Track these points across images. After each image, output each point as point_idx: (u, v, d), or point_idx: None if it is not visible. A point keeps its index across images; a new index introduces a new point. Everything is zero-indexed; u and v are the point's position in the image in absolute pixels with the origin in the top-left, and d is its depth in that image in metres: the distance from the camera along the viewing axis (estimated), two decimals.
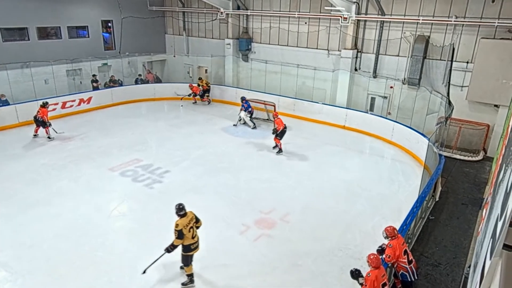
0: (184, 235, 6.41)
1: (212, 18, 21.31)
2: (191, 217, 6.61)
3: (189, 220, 6.53)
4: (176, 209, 6.55)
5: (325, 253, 7.88)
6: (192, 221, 6.58)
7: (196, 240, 6.66)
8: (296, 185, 10.88)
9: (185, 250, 6.60)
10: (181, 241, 6.47)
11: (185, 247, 6.56)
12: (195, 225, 6.67)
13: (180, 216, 6.50)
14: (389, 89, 16.06)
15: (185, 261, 6.72)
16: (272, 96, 17.61)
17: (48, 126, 13.64)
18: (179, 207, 6.59)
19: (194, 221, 6.65)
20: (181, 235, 6.38)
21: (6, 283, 6.77)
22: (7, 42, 16.70)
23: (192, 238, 6.57)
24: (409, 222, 7.55)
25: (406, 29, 15.17)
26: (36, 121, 13.57)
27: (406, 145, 13.72)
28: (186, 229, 6.43)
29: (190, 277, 6.85)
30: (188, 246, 6.56)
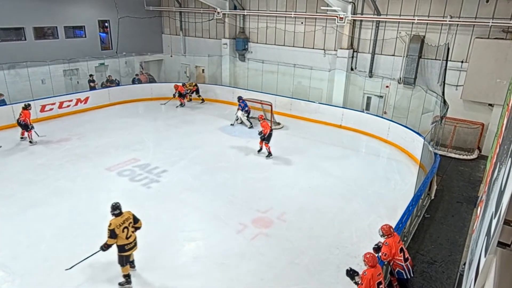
0: (117, 234, 6.36)
1: (209, 18, 21.27)
2: (126, 217, 6.57)
3: (123, 220, 6.49)
4: (111, 208, 6.52)
5: (322, 252, 7.90)
6: (127, 221, 6.53)
7: (131, 240, 6.57)
8: (293, 184, 10.89)
9: (120, 250, 6.54)
10: (114, 241, 6.41)
11: (119, 247, 6.50)
12: (133, 225, 6.62)
13: (114, 215, 6.49)
14: (385, 89, 16.10)
15: (120, 261, 6.63)
16: (269, 95, 17.61)
17: (31, 129, 13.08)
18: (113, 206, 6.55)
19: (131, 221, 6.60)
20: (113, 234, 6.34)
21: (3, 284, 6.74)
22: (4, 42, 16.60)
23: (127, 239, 6.49)
24: (405, 220, 7.58)
25: (401, 29, 15.22)
26: (19, 124, 13.03)
27: (401, 144, 13.76)
28: (119, 229, 6.39)
29: (126, 278, 6.74)
30: (122, 246, 6.50)
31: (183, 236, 8.30)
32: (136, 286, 6.82)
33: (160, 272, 7.16)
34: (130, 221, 6.59)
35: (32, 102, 15.48)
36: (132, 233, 6.58)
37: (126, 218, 6.56)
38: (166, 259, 7.53)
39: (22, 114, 12.98)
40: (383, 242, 6.29)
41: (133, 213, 6.73)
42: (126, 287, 6.75)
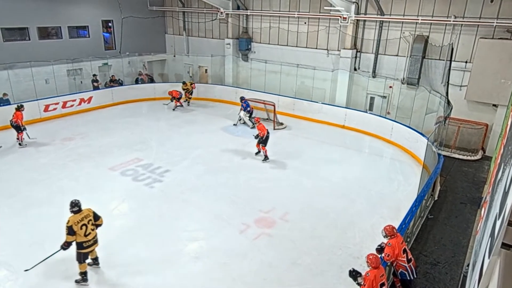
0: (75, 231, 6.38)
1: (212, 18, 21.29)
2: (85, 214, 6.58)
3: (82, 217, 6.50)
4: (69, 205, 6.54)
5: (325, 252, 7.88)
6: (86, 218, 6.55)
7: (89, 238, 6.57)
8: (296, 184, 10.88)
9: (78, 247, 6.55)
10: (73, 238, 6.43)
11: (77, 244, 6.52)
12: (94, 223, 6.65)
13: (72, 212, 6.50)
14: (388, 89, 16.05)
15: (78, 258, 6.63)
16: (272, 95, 17.60)
17: (23, 131, 12.88)
18: (72, 203, 6.56)
19: (91, 219, 6.61)
20: (71, 231, 6.37)
21: (7, 282, 6.77)
22: (8, 42, 16.68)
23: (85, 236, 6.50)
24: (408, 221, 7.55)
25: (405, 29, 15.17)
26: (12, 126, 12.86)
27: (405, 144, 13.72)
28: (77, 225, 6.40)
29: (82, 275, 6.74)
30: (81, 243, 6.51)
31: (186, 235, 8.31)
32: (140, 285, 6.82)
33: (162, 272, 7.16)
34: (90, 219, 6.59)
35: (36, 102, 15.62)
36: (91, 230, 6.59)
37: (85, 215, 6.57)
38: (168, 258, 7.53)
39: (14, 115, 12.79)
40: (386, 243, 6.27)
41: (94, 211, 6.76)
42: (82, 284, 6.74)
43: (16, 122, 12.71)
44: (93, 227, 6.65)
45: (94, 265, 7.09)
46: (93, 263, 7.09)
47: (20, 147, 12.79)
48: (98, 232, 6.83)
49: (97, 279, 6.92)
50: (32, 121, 15.30)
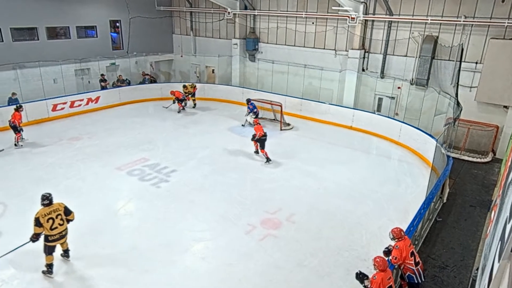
0: (41, 224, 6.53)
1: (219, 18, 21.35)
2: (55, 208, 6.71)
3: (50, 211, 6.64)
4: (40, 198, 6.71)
5: (331, 254, 7.85)
6: (55, 212, 6.68)
7: (55, 232, 6.70)
8: (302, 186, 10.85)
9: (44, 239, 6.71)
10: (40, 230, 6.57)
11: (44, 236, 6.67)
12: (64, 217, 6.80)
13: (43, 205, 6.67)
14: (397, 90, 15.95)
15: (44, 249, 6.77)
16: (279, 96, 17.59)
17: (20, 131, 12.86)
18: (43, 196, 6.72)
19: (60, 213, 6.74)
20: (37, 223, 6.52)
21: (14, 280, 6.85)
22: (17, 42, 16.89)
23: (51, 229, 6.62)
24: (416, 223, 7.49)
25: (414, 29, 15.06)
26: (10, 126, 12.83)
27: (413, 146, 13.61)
28: (44, 218, 6.54)
29: (47, 267, 6.87)
30: (46, 236, 6.66)
31: (192, 236, 8.33)
32: (146, 285, 6.86)
33: (168, 272, 7.19)
34: (59, 213, 6.73)
35: (44, 101, 15.78)
36: (58, 225, 6.72)
37: (54, 209, 6.71)
38: (174, 258, 7.56)
39: (13, 116, 12.75)
40: (393, 246, 6.22)
41: (66, 206, 6.92)
42: (47, 276, 6.88)
43: (13, 123, 12.68)
44: (62, 222, 6.79)
45: (65, 257, 7.25)
46: (64, 254, 7.25)
47: (16, 148, 12.77)
48: (99, 234, 6.87)
49: (107, 277, 6.96)
50: (40, 120, 15.49)
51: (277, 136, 15.05)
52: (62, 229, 6.82)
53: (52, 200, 6.80)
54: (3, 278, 6.89)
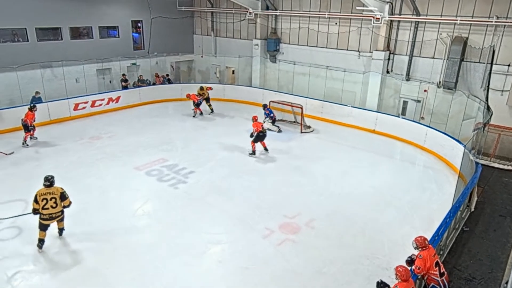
0: (37, 201, 7.37)
1: (240, 18, 21.48)
2: (52, 191, 7.46)
3: (46, 192, 7.43)
4: (43, 179, 7.55)
5: (351, 261, 7.75)
6: (50, 195, 7.44)
7: (45, 212, 7.44)
8: (323, 190, 10.76)
9: (39, 216, 7.52)
10: (36, 206, 7.41)
11: (40, 213, 7.48)
12: (59, 201, 7.52)
13: (44, 185, 7.49)
14: (423, 93, 15.63)
15: (38, 225, 7.57)
16: (299, 98, 17.52)
17: (30, 131, 13.13)
18: (45, 178, 7.56)
19: (55, 196, 7.47)
20: (35, 200, 7.41)
21: (34, 276, 7.06)
22: (42, 41, 17.46)
23: (42, 209, 7.41)
24: (441, 232, 7.31)
25: (442, 30, 14.73)
26: (22, 125, 13.12)
27: (440, 151, 13.29)
28: (39, 197, 7.40)
29: (39, 241, 7.64)
30: (40, 214, 7.47)
31: (209, 238, 8.38)
32: (163, 287, 6.94)
33: (184, 274, 7.25)
34: (53, 196, 7.47)
35: (66, 101, 16.24)
36: (50, 207, 7.45)
37: (51, 192, 7.47)
38: (190, 261, 7.62)
39: (26, 115, 13.08)
40: (417, 255, 6.08)
41: (64, 192, 7.62)
42: (38, 250, 7.65)
43: (25, 122, 13.04)
44: (55, 205, 7.50)
45: (58, 233, 8.05)
46: (59, 232, 8.06)
47: (24, 146, 13.03)
48: (118, 233, 6.99)
49: (124, 278, 7.09)
50: (62, 119, 15.95)
51: (297, 139, 14.99)
52: (53, 211, 7.52)
53: (53, 183, 7.57)
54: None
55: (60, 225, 7.99)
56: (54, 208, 7.51)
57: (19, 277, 6.99)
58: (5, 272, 7.09)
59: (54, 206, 7.50)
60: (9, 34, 16.62)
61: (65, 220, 8.01)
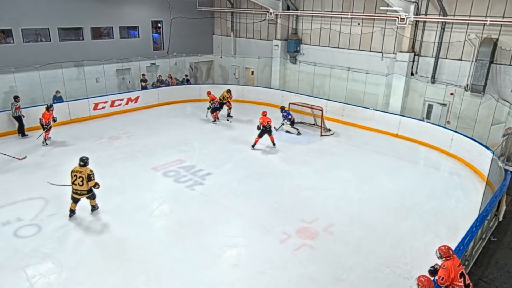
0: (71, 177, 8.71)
1: (260, 18, 21.54)
2: (82, 171, 8.65)
3: (77, 171, 8.66)
4: (79, 159, 8.74)
5: (371, 269, 7.63)
6: (79, 173, 8.63)
7: (74, 188, 8.74)
8: (342, 195, 10.65)
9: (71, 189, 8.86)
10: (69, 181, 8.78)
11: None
12: (85, 181, 8.64)
13: (78, 164, 8.71)
14: (449, 96, 15.29)
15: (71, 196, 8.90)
16: (320, 100, 17.41)
17: (47, 130, 13.46)
18: (80, 158, 8.75)
19: (82, 176, 8.61)
20: (71, 174, 8.71)
21: (51, 275, 7.23)
22: (64, 41, 17.95)
23: (73, 184, 8.72)
24: (467, 242, 7.11)
25: (470, 31, 14.38)
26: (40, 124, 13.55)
27: (466, 157, 12.96)
28: (72, 173, 8.69)
29: (70, 211, 9.01)
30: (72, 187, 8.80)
31: (225, 241, 8.40)
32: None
33: (199, 277, 7.29)
34: (82, 176, 8.62)
35: (86, 100, 16.63)
36: (78, 184, 8.66)
37: (81, 171, 8.64)
38: (205, 263, 7.66)
39: (43, 114, 13.44)
40: (440, 265, 5.94)
41: (91, 174, 8.68)
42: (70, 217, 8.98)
43: (42, 121, 13.42)
44: (82, 183, 8.64)
45: (91, 210, 9.27)
46: (91, 209, 9.27)
47: (44, 145, 13.37)
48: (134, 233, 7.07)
49: (140, 279, 7.19)
50: (82, 118, 16.34)
51: (317, 142, 14.90)
52: (79, 188, 8.69)
53: (86, 163, 8.74)
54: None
55: (92, 203, 9.15)
56: (80, 186, 8.64)
57: (37, 275, 7.18)
58: (23, 270, 7.30)
59: (80, 184, 8.63)
60: (32, 34, 17.16)
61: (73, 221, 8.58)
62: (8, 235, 8.35)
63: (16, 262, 7.51)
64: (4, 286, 6.91)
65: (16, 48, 16.48)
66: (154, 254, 7.88)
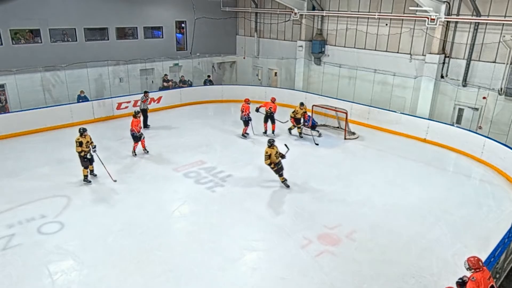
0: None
1: (285, 19, 21.52)
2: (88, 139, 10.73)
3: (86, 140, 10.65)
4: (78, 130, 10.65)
5: (395, 279, 7.48)
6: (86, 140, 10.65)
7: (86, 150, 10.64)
8: (366, 201, 10.49)
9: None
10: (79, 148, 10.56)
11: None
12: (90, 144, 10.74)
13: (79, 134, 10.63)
14: (482, 100, 14.84)
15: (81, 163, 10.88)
16: (344, 102, 17.23)
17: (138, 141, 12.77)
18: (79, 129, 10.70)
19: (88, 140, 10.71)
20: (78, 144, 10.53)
21: (72, 272, 7.43)
22: (89, 41, 18.47)
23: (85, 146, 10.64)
24: (498, 254, 6.88)
25: (506, 32, 13.93)
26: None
27: (499, 165, 12.54)
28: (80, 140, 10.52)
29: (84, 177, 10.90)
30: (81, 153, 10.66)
31: (244, 244, 8.42)
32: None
33: (218, 279, 7.33)
34: (89, 141, 10.74)
35: (110, 100, 17.02)
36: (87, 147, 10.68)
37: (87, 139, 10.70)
38: (224, 266, 7.70)
39: (131, 124, 12.58)
40: (469, 277, 5.76)
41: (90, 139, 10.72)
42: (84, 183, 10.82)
43: (132, 131, 12.56)
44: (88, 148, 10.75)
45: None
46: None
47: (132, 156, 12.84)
48: (154, 234, 7.16)
49: (158, 280, 7.29)
50: (106, 118, 16.74)
51: (340, 146, 14.75)
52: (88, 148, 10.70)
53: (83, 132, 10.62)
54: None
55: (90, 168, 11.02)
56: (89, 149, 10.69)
57: (59, 271, 7.40)
58: (46, 266, 7.54)
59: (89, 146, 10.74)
60: (59, 34, 17.74)
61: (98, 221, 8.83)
62: (32, 231, 8.64)
63: (39, 258, 7.76)
64: (26, 281, 7.15)
65: (44, 48, 17.06)
66: (173, 256, 7.98)
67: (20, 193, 10.22)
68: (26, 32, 16.92)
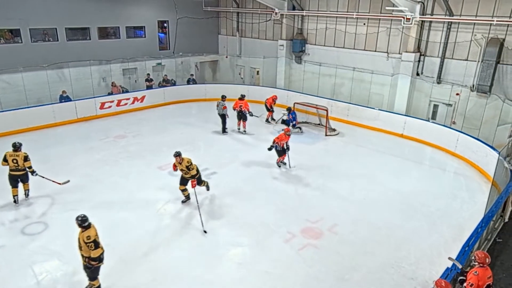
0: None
1: (266, 18, 21.53)
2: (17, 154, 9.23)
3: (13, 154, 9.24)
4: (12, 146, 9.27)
5: (375, 270, 7.61)
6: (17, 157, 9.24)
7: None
8: (347, 195, 10.63)
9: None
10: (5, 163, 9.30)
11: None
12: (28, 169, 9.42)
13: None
14: (455, 96, 15.19)
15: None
16: (325, 100, 17.37)
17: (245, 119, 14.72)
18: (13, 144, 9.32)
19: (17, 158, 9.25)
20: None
21: (58, 272, 7.29)
22: (71, 41, 18.06)
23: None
24: (472, 243, 7.06)
25: (477, 31, 14.28)
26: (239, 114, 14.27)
27: (472, 158, 12.88)
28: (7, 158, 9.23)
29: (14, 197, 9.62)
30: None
31: (229, 240, 8.42)
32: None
33: (203, 276, 7.31)
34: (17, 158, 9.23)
35: (93, 99, 16.70)
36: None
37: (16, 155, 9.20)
38: (210, 262, 7.68)
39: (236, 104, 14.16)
40: (471, 271, 5.74)
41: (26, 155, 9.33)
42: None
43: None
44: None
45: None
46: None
47: None
48: (139, 233, 7.09)
49: (143, 279, 7.22)
50: (89, 118, 16.42)
51: (321, 142, 14.88)
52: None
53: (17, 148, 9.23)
54: None
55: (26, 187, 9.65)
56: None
57: (44, 272, 7.25)
58: (31, 266, 7.37)
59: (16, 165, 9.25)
60: (40, 34, 17.28)
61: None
62: (16, 232, 8.43)
63: (23, 259, 7.58)
64: (11, 282, 6.98)
65: (24, 48, 16.60)
66: (159, 254, 7.91)
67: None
68: (6, 32, 16.44)
